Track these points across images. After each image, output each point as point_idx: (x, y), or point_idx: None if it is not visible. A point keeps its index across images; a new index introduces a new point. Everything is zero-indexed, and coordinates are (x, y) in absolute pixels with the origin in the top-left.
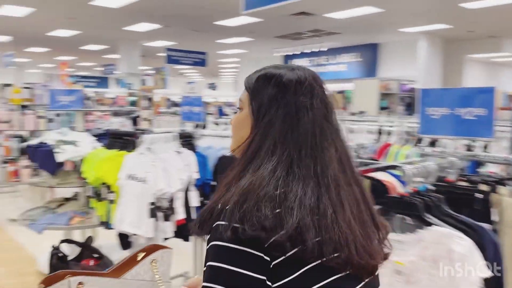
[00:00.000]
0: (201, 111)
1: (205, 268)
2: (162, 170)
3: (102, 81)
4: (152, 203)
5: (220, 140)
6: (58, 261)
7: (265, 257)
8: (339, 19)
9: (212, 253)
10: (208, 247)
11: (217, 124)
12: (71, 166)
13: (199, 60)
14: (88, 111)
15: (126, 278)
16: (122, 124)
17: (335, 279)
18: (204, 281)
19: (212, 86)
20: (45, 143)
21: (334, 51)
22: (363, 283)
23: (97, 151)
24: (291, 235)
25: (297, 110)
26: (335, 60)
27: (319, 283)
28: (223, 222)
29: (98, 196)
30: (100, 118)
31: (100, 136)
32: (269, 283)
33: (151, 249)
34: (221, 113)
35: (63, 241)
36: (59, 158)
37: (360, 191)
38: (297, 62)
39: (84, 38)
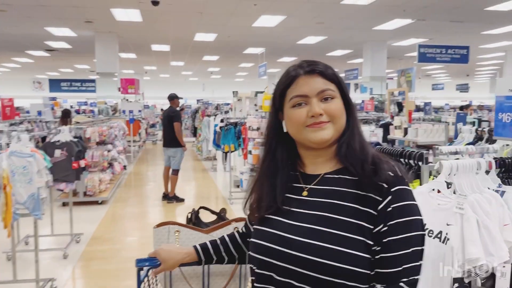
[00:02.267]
0: None
1: (404, 219)
2: (476, 224)
3: None
4: (458, 280)
5: None
6: (195, 220)
7: None
8: None
9: (414, 211)
10: (405, 204)
11: None
12: None
13: (458, 57)
14: None
15: (212, 235)
16: (372, 133)
17: None
18: (415, 230)
19: (463, 88)
20: None
21: None
22: None
23: None
24: None
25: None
26: None
27: None
28: (410, 188)
29: None
30: None
31: None
32: None
33: (239, 219)
34: None
35: (201, 207)
36: None
37: None
38: None
39: (330, 44)
